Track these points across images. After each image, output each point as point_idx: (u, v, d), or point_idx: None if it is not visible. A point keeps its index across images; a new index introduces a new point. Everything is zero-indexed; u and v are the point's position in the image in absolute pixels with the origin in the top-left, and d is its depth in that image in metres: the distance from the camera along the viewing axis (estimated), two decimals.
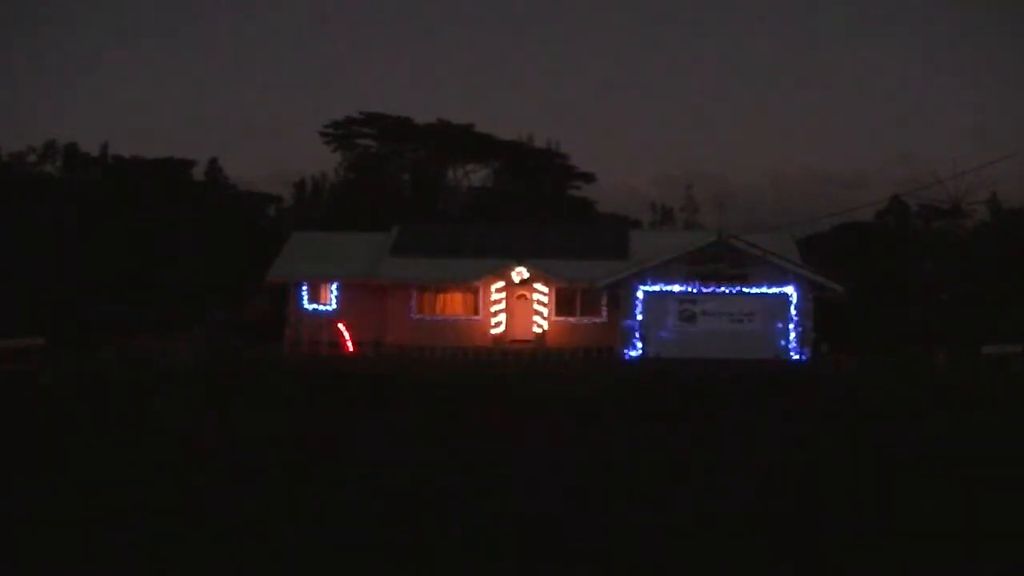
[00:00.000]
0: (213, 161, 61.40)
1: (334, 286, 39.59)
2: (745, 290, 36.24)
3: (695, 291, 36.43)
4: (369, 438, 13.98)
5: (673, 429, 15.20)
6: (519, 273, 38.13)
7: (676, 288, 36.48)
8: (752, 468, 11.55)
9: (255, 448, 12.94)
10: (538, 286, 38.19)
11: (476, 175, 66.27)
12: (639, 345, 35.79)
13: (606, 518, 8.85)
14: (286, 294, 40.45)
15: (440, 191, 65.07)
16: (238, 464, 11.70)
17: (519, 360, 34.29)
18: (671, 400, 19.94)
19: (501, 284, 38.29)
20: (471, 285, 38.48)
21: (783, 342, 35.29)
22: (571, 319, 38.42)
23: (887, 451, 12.86)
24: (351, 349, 37.56)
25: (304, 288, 40.08)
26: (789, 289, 36.13)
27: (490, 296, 38.50)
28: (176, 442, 13.43)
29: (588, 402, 19.78)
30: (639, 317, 36.32)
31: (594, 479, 10.76)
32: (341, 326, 38.06)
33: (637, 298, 36.49)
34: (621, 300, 36.71)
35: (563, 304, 38.54)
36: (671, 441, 13.87)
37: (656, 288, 36.51)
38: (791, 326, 35.87)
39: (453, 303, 39.56)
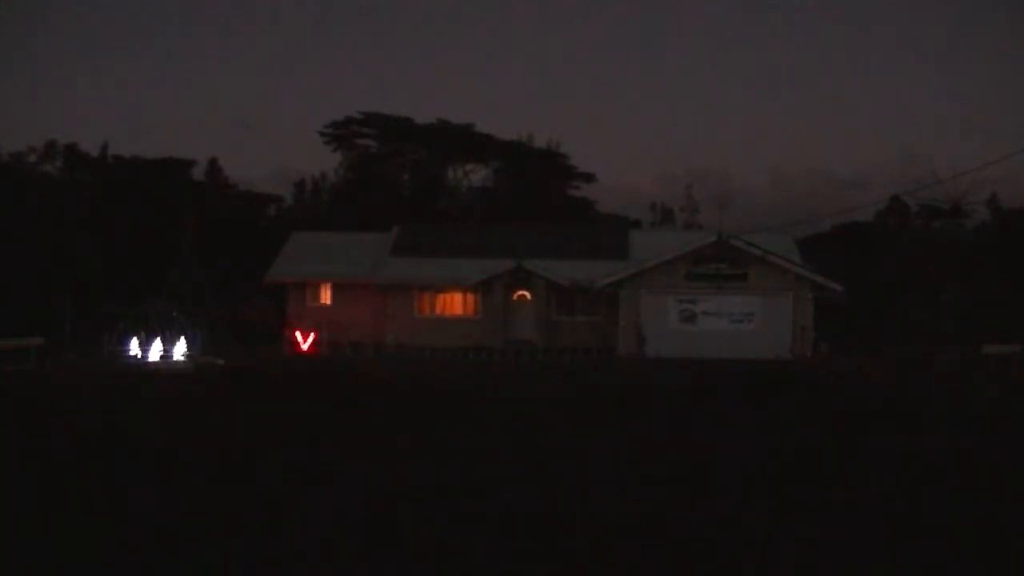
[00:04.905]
0: (213, 161, 61.47)
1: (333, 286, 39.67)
2: (745, 290, 36.25)
3: (695, 291, 36.45)
4: None
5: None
6: (519, 273, 38.12)
7: (676, 288, 36.49)
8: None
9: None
10: (538, 286, 38.18)
11: (476, 175, 66.30)
12: (639, 345, 35.80)
13: None
14: (286, 294, 40.48)
15: (440, 191, 65.10)
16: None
17: (517, 360, 34.24)
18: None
19: (501, 284, 38.27)
20: (471, 285, 38.48)
21: (783, 342, 35.26)
22: (571, 319, 38.43)
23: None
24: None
25: (304, 288, 40.10)
26: (789, 289, 36.14)
27: (490, 296, 38.49)
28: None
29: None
30: (639, 317, 36.33)
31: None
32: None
33: (637, 298, 36.49)
34: (621, 300, 36.71)
35: (563, 304, 38.55)
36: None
37: (656, 288, 36.51)
38: (791, 326, 35.88)
39: (453, 303, 39.58)
